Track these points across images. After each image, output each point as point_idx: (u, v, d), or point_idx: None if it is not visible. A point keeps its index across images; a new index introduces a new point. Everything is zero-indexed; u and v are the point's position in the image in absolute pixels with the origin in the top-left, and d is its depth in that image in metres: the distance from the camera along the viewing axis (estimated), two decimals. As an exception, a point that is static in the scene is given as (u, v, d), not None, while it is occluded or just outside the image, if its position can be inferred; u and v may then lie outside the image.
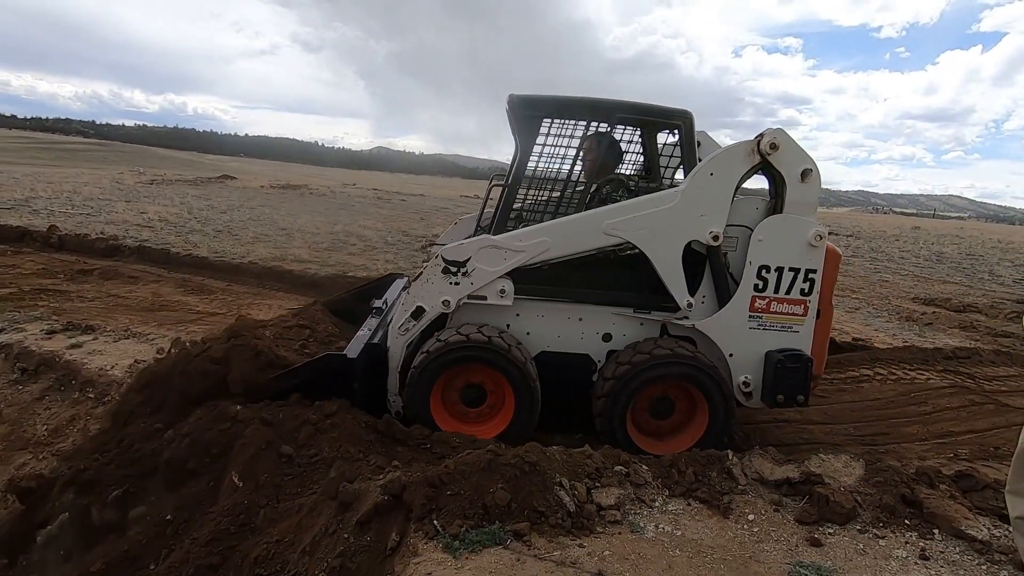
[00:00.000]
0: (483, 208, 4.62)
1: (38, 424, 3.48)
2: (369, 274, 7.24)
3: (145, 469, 2.80)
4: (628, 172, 4.25)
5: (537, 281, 3.44)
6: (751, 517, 2.48)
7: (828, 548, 2.29)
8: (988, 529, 2.40)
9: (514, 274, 3.38)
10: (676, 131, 3.64)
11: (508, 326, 3.46)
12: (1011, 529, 2.23)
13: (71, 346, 3.94)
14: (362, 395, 3.32)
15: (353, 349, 3.44)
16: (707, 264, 3.42)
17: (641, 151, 4.27)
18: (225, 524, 2.52)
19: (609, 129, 3.89)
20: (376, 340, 3.63)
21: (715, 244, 3.31)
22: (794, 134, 3.47)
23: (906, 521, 2.46)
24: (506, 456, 2.51)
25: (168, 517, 2.58)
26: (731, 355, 3.40)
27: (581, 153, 3.91)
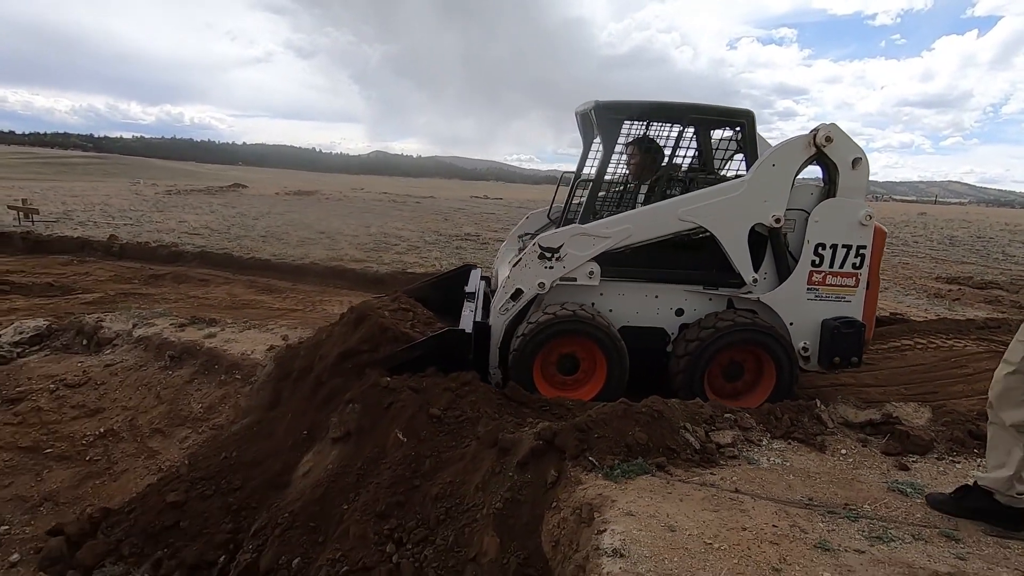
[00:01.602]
0: (552, 202, 5.10)
1: (192, 403, 3.95)
2: (426, 269, 7.72)
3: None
4: (683, 166, 4.72)
5: (619, 264, 3.89)
6: (843, 452, 2.94)
7: (914, 471, 2.75)
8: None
9: (599, 258, 3.83)
10: (740, 128, 4.11)
11: (593, 304, 3.90)
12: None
13: (207, 336, 4.40)
14: (474, 366, 3.79)
15: (466, 326, 3.90)
16: (768, 244, 3.88)
17: (696, 147, 4.73)
18: (400, 471, 2.99)
19: (681, 128, 4.38)
20: (479, 319, 4.10)
21: (777, 226, 3.77)
22: (791, 125, 3.99)
23: (974, 450, 2.91)
24: (636, 406, 2.98)
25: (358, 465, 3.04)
26: (791, 324, 3.86)
27: (625, 158, 4.43)
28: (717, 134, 4.55)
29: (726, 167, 4.50)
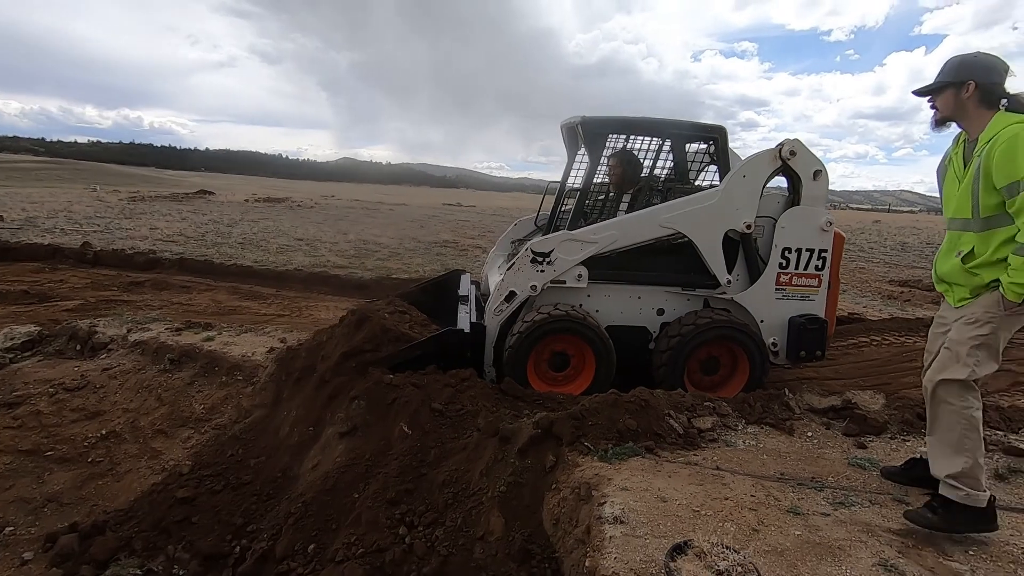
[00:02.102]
0: (539, 210, 5.39)
1: (194, 404, 4.05)
2: (410, 275, 7.89)
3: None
4: (660, 176, 5.05)
5: (605, 267, 4.19)
6: (809, 434, 3.27)
7: (871, 449, 3.09)
8: (997, 438, 3.24)
9: (587, 262, 4.12)
10: (713, 141, 4.47)
11: (580, 305, 4.18)
12: None
13: (205, 339, 4.50)
14: (471, 363, 4.01)
15: (463, 326, 4.13)
16: (740, 248, 4.24)
17: (672, 159, 5.07)
18: (407, 461, 3.19)
19: (660, 142, 4.71)
20: (474, 320, 4.33)
21: (748, 232, 4.13)
22: (753, 136, 4.44)
23: (921, 430, 3.26)
24: (625, 396, 3.26)
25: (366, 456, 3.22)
26: (762, 321, 4.23)
27: (607, 169, 4.75)
28: (691, 147, 4.92)
29: (699, 178, 4.86)
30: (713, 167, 4.55)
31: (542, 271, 4.08)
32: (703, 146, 4.73)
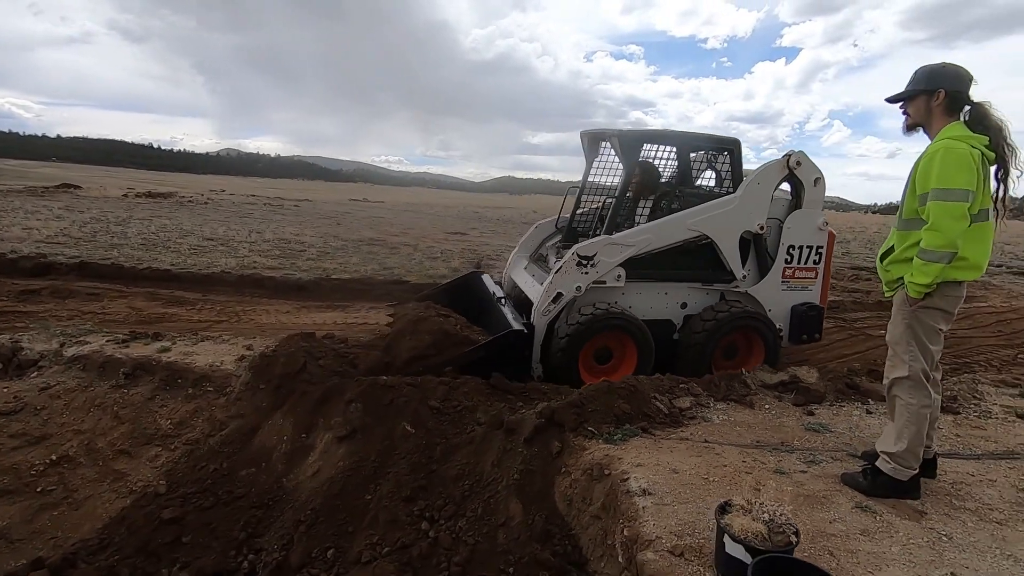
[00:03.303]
0: (560, 212, 5.63)
1: (159, 420, 3.76)
2: (352, 275, 7.70)
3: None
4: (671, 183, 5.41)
5: (638, 267, 4.53)
6: (767, 406, 3.76)
7: (818, 415, 3.63)
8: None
9: (624, 263, 4.45)
10: (729, 153, 4.93)
11: (616, 302, 4.51)
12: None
13: (160, 351, 4.15)
14: (527, 362, 4.25)
15: (519, 327, 4.29)
16: (752, 246, 4.75)
17: (678, 167, 5.42)
18: (416, 458, 3.25)
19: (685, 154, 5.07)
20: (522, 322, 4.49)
21: (760, 232, 4.67)
22: None
23: (852, 397, 3.90)
24: (616, 384, 3.55)
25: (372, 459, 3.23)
26: (770, 310, 4.78)
27: (642, 173, 5.09)
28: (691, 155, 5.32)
29: (696, 181, 5.34)
30: (709, 172, 5.07)
31: (586, 273, 4.38)
32: (694, 154, 5.21)
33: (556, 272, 4.36)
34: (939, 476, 2.83)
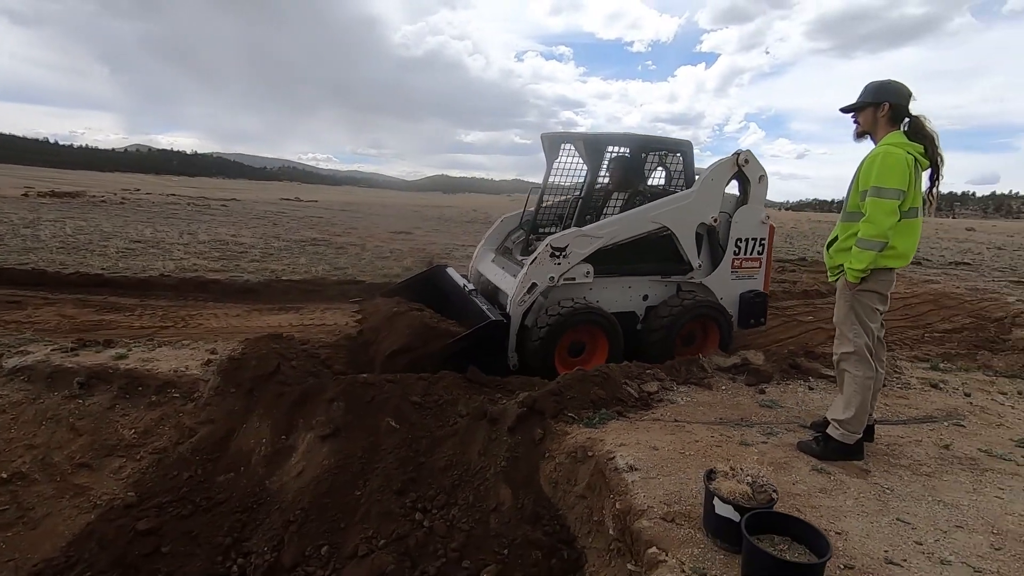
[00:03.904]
0: (524, 208, 5.81)
1: (121, 430, 3.57)
2: (303, 276, 7.51)
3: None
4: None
5: (604, 263, 4.76)
6: (724, 387, 4.08)
7: (769, 393, 3.99)
8: (833, 375, 4.35)
9: (592, 258, 4.67)
10: (682, 153, 5.25)
11: (584, 298, 4.74)
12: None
13: (116, 358, 3.92)
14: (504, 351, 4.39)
15: (496, 317, 4.41)
16: (706, 239, 5.10)
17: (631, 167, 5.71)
18: (403, 452, 3.31)
19: (637, 154, 5.29)
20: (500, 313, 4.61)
21: (714, 224, 5.03)
22: None
23: (796, 376, 4.30)
24: (590, 372, 3.75)
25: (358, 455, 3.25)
26: (722, 298, 5.16)
27: (609, 171, 5.35)
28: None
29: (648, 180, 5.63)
30: (660, 171, 5.43)
31: (559, 263, 4.56)
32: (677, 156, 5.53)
33: (531, 263, 4.54)
34: (876, 440, 3.22)
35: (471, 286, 5.33)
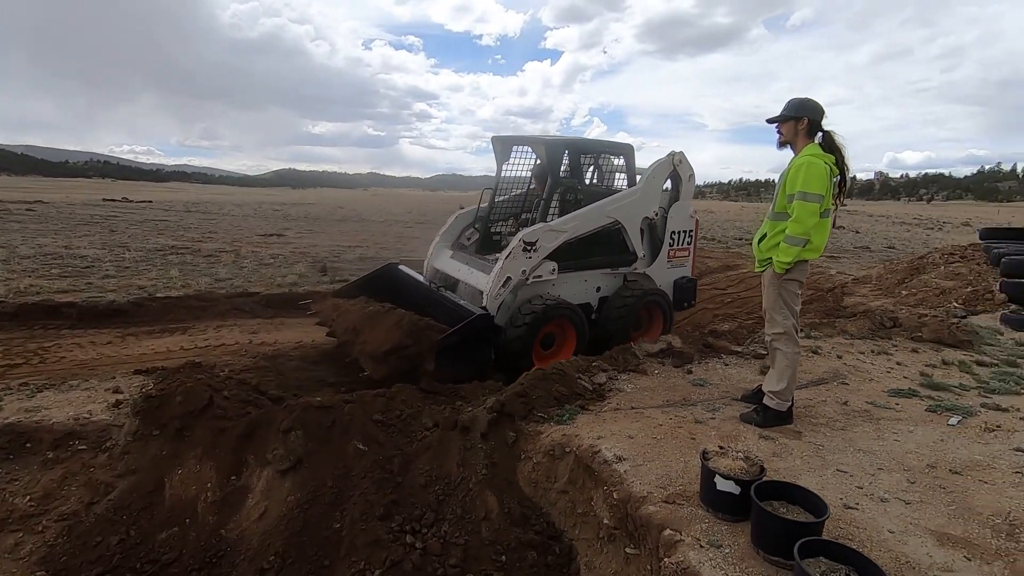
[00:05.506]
0: (479, 204, 5.79)
1: (12, 499, 2.91)
2: (180, 292, 6.62)
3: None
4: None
5: (565, 259, 5.08)
6: (656, 372, 4.45)
7: (695, 372, 4.43)
8: (739, 350, 4.96)
9: (555, 255, 4.98)
10: (623, 155, 5.65)
11: (548, 294, 5.01)
12: (765, 349, 4.63)
13: (-14, 410, 3.17)
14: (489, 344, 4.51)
15: (477, 311, 4.48)
16: (648, 232, 5.60)
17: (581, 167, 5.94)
18: (377, 475, 3.15)
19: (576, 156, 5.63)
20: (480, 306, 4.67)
21: (654, 218, 5.54)
22: (427, 126, 6.04)
23: (710, 354, 4.83)
24: (548, 370, 3.86)
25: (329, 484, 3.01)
26: (661, 286, 5.70)
27: (534, 178, 5.76)
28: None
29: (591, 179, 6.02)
30: (591, 171, 5.86)
31: (530, 257, 4.79)
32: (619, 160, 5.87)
33: (506, 258, 4.72)
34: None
35: (436, 283, 5.39)
